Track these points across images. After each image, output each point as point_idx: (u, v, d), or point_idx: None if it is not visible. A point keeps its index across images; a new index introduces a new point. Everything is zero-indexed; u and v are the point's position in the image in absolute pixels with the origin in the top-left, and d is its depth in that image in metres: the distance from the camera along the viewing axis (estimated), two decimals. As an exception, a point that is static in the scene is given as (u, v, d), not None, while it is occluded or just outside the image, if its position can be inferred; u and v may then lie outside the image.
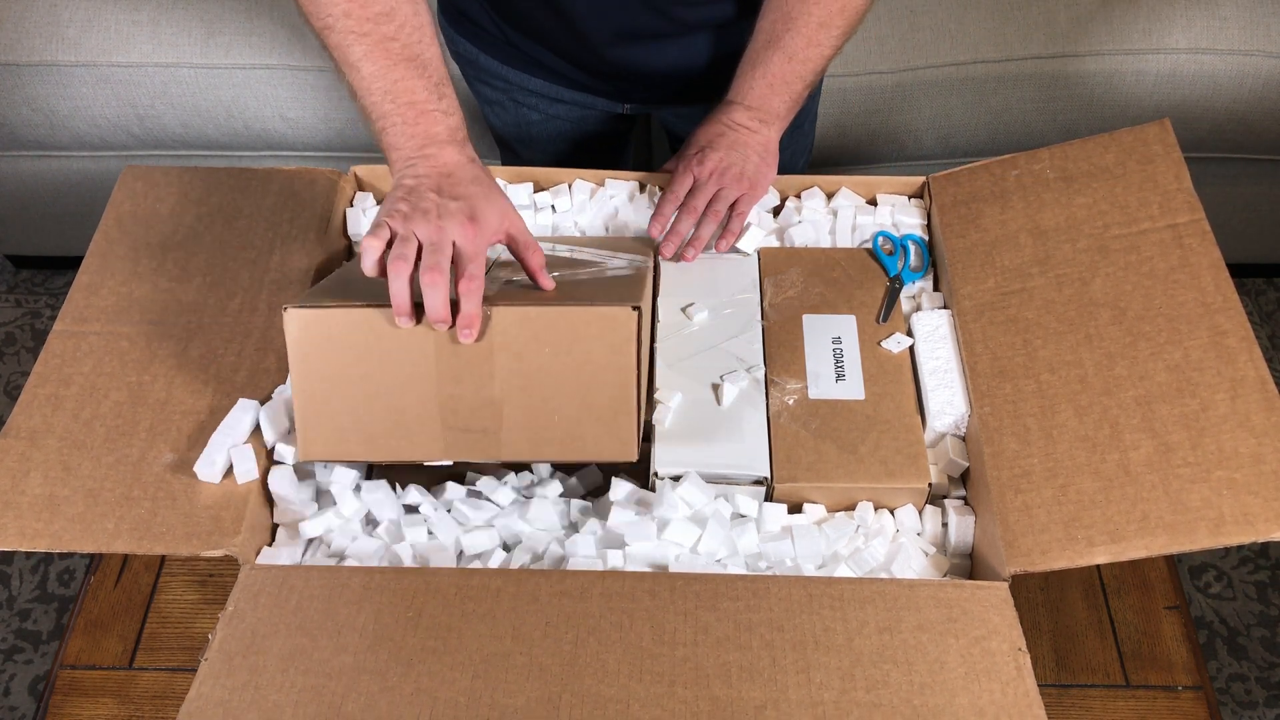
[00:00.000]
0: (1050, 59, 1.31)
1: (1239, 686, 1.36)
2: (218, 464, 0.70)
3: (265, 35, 1.35)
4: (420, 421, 0.70)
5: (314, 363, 0.69)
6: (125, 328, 0.79)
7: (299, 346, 0.69)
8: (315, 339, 0.69)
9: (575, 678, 0.62)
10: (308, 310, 0.68)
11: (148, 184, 0.88)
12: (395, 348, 0.69)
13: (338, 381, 0.69)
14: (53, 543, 0.68)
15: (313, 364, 0.69)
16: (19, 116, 1.41)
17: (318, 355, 0.69)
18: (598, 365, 0.69)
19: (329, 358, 0.69)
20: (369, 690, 0.62)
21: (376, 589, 0.66)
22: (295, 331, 0.68)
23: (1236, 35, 1.31)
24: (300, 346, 0.69)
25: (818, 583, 0.67)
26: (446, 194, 0.69)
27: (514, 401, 0.69)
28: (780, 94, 0.87)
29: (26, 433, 0.73)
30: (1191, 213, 0.78)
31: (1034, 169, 0.85)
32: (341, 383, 0.69)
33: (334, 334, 0.69)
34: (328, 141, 1.43)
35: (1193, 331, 0.72)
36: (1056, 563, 0.66)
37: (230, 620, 0.65)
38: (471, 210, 0.69)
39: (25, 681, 1.38)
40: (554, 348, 0.69)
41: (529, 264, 0.73)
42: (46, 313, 1.75)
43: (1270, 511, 0.64)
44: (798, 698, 0.61)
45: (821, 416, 0.77)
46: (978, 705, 0.61)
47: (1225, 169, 1.46)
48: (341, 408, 0.69)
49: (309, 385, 0.69)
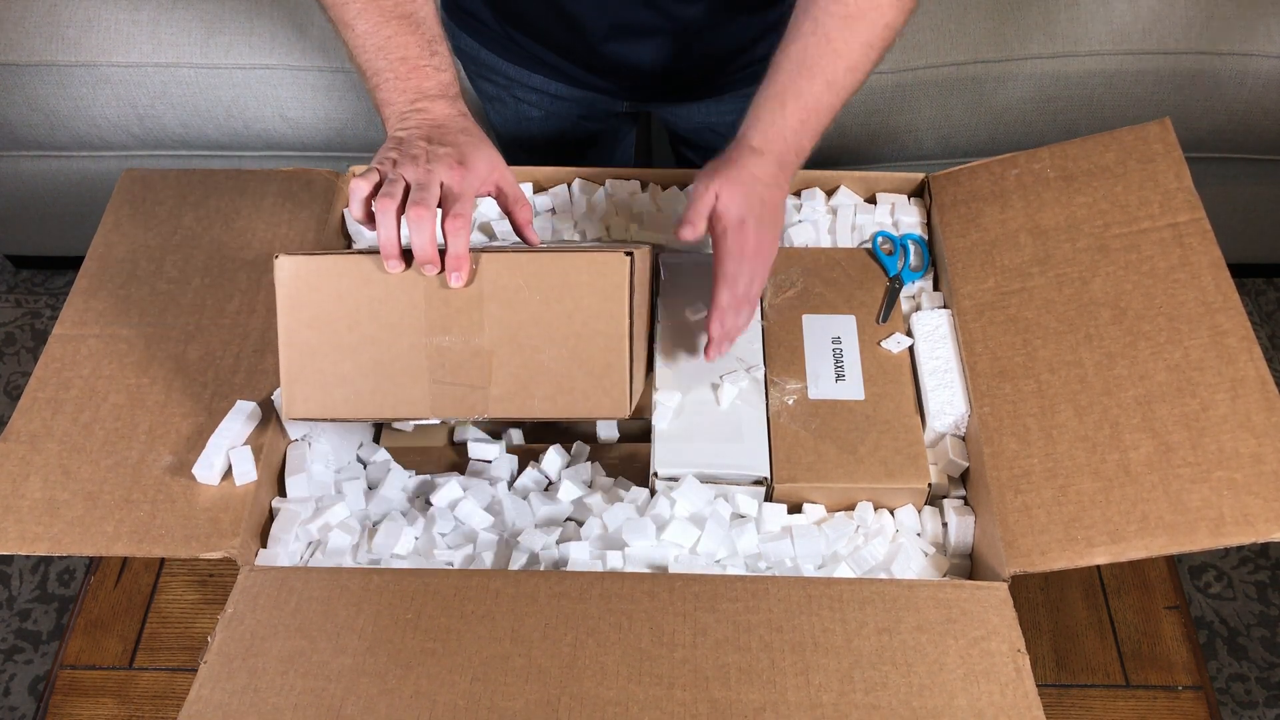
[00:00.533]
0: (1050, 59, 1.31)
1: (1239, 686, 1.36)
2: (216, 466, 0.70)
3: (265, 35, 1.35)
4: (408, 375, 0.69)
5: (302, 313, 0.68)
6: (124, 330, 0.79)
7: (288, 295, 0.68)
8: (304, 287, 0.68)
9: (574, 680, 0.62)
10: (299, 257, 0.67)
11: (146, 186, 0.88)
12: (384, 295, 0.67)
13: (326, 333, 0.68)
14: (53, 546, 0.68)
15: (301, 314, 0.68)
16: (19, 116, 1.41)
17: (306, 305, 0.68)
18: (589, 314, 0.68)
19: (318, 308, 0.68)
20: (368, 692, 0.62)
21: (375, 590, 0.66)
22: (285, 279, 0.67)
23: (1236, 35, 1.31)
24: (289, 295, 0.68)
25: (816, 583, 0.67)
26: (436, 141, 0.69)
27: (503, 354, 0.68)
28: (811, 130, 0.76)
29: (27, 436, 0.73)
30: (1192, 212, 0.78)
31: (1034, 168, 0.85)
32: (330, 334, 0.68)
33: (324, 281, 0.67)
34: (327, 141, 1.43)
35: (1193, 331, 0.72)
36: (1056, 563, 0.66)
37: (229, 623, 0.65)
38: (460, 155, 0.69)
39: (25, 681, 1.38)
40: (544, 295, 0.67)
41: (517, 218, 0.72)
42: (46, 313, 1.75)
43: (1270, 512, 0.64)
44: (796, 700, 0.61)
45: (821, 417, 0.77)
46: (977, 707, 0.61)
47: (1225, 169, 1.45)
48: (328, 363, 0.68)
49: (297, 338, 0.68)
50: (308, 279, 0.68)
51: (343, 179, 0.90)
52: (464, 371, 0.69)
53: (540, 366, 0.68)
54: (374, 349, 0.68)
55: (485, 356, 0.68)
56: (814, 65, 0.74)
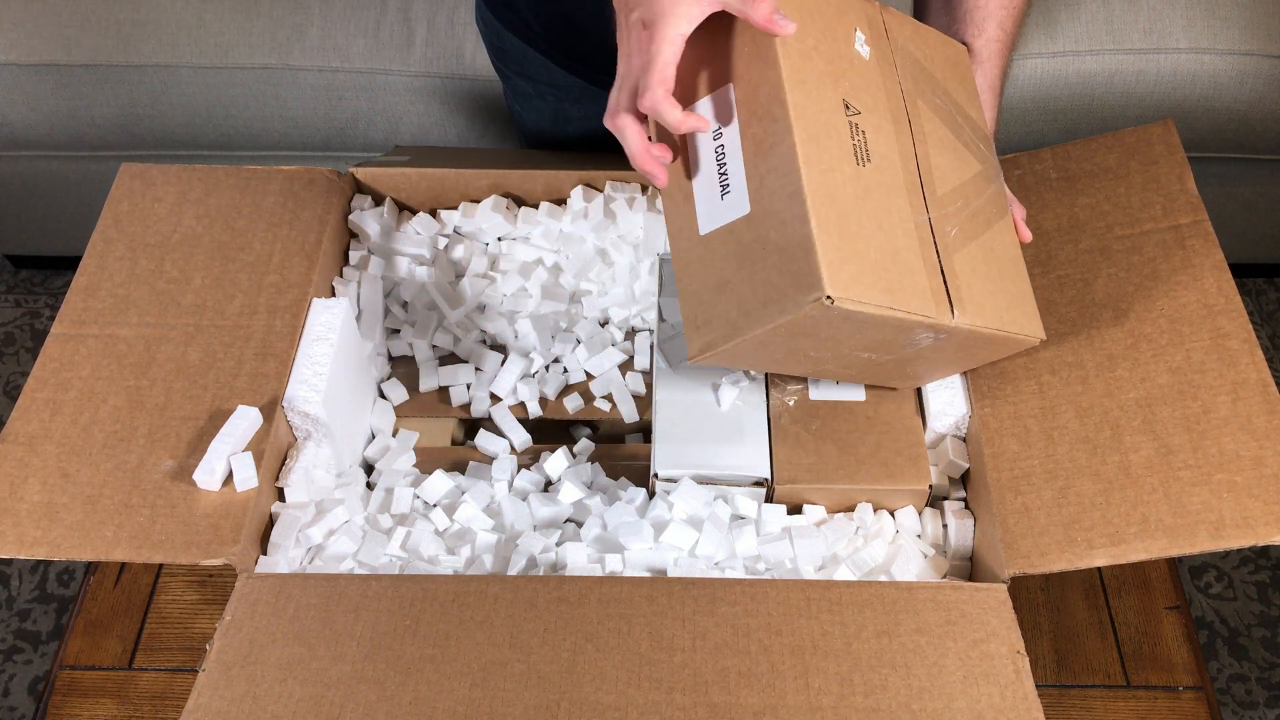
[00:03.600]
0: (1050, 59, 1.31)
1: (1239, 687, 1.36)
2: (217, 471, 0.70)
3: (265, 35, 1.35)
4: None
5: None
6: (123, 330, 0.78)
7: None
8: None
9: (573, 685, 0.62)
10: None
11: (145, 183, 0.87)
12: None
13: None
14: (51, 550, 0.68)
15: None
16: (19, 116, 1.41)
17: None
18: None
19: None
20: (367, 699, 0.62)
21: (374, 597, 0.66)
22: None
23: (1236, 35, 1.30)
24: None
25: (816, 586, 0.66)
26: (633, 5, 0.62)
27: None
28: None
29: (25, 438, 0.73)
30: (1194, 214, 0.78)
31: (1036, 169, 0.84)
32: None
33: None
34: (327, 141, 1.43)
35: (1194, 333, 0.72)
36: (1056, 565, 0.66)
37: (227, 630, 0.65)
38: (647, 13, 0.60)
39: (25, 682, 1.38)
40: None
41: (753, 18, 0.59)
42: (46, 313, 1.75)
43: (1270, 515, 0.64)
44: (796, 703, 0.61)
45: (822, 418, 0.77)
46: (976, 709, 0.61)
47: (1225, 169, 1.45)
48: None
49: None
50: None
51: (344, 179, 0.90)
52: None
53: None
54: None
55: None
56: (1004, 57, 0.79)
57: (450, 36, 1.36)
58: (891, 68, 0.70)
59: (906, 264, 0.63)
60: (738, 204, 0.62)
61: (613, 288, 0.90)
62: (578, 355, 0.87)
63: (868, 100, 0.66)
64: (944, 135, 0.71)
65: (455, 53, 1.36)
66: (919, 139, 0.69)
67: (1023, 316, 0.70)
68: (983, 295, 0.67)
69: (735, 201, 0.62)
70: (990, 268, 0.69)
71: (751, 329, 0.60)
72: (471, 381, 0.86)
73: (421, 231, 0.92)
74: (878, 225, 0.62)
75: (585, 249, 0.90)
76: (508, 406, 0.85)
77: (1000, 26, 0.77)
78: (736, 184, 0.62)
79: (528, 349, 0.87)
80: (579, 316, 0.89)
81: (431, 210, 0.93)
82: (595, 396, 0.86)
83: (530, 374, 0.87)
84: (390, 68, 1.35)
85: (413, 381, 0.87)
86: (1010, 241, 0.72)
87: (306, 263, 0.82)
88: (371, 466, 0.83)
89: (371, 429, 0.84)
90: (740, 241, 0.61)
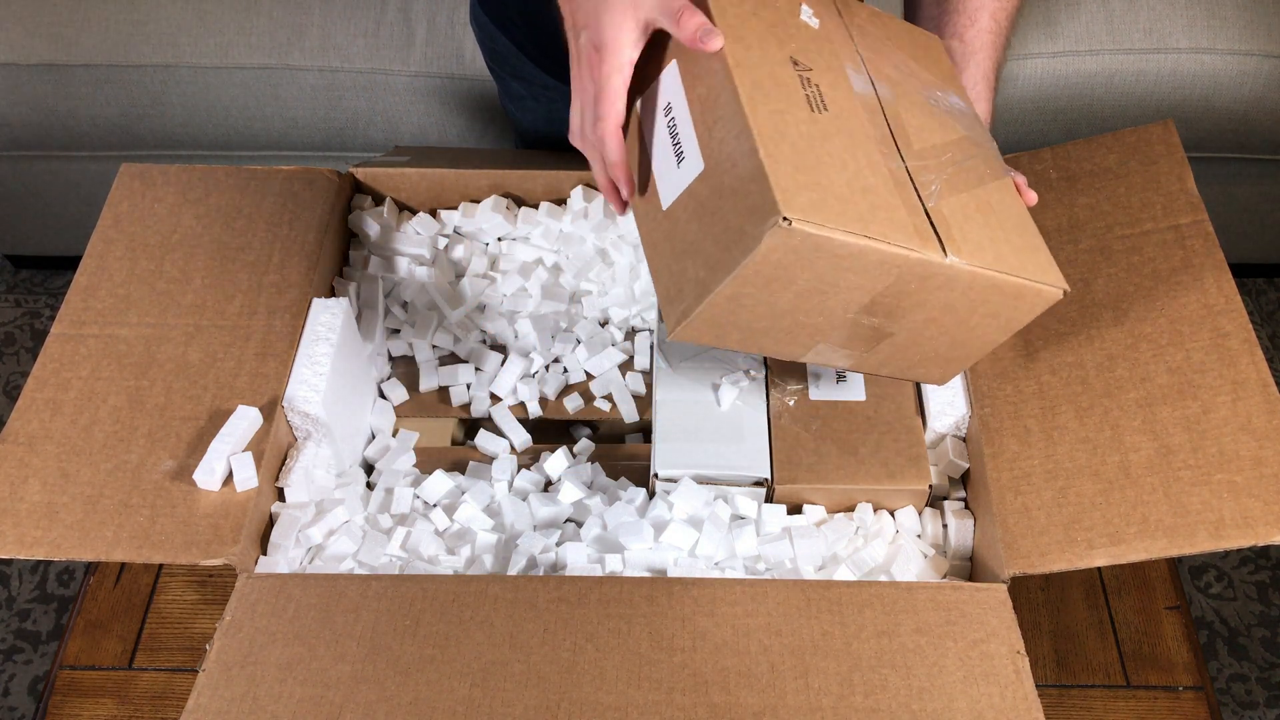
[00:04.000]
0: (1050, 59, 1.31)
1: (1240, 687, 1.36)
2: (217, 471, 0.70)
3: (265, 35, 1.35)
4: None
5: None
6: (123, 330, 0.78)
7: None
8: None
9: (573, 685, 0.62)
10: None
11: (145, 183, 0.87)
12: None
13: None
14: (51, 550, 0.68)
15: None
16: (19, 116, 1.41)
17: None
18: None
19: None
20: (367, 700, 0.62)
21: (374, 597, 0.66)
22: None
23: (1236, 35, 1.30)
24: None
25: (815, 586, 0.66)
26: (580, 26, 0.63)
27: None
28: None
29: (25, 438, 0.73)
30: (1194, 214, 0.78)
31: (1036, 169, 0.84)
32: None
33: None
34: (327, 141, 1.43)
35: (1194, 333, 0.72)
36: (1055, 565, 0.66)
37: (227, 630, 0.65)
38: (595, 37, 0.62)
39: (25, 682, 1.38)
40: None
41: (683, 38, 0.60)
42: (46, 313, 1.75)
43: (1270, 515, 0.64)
44: (796, 703, 0.61)
45: (822, 418, 0.77)
46: (976, 709, 0.61)
47: (1225, 169, 1.45)
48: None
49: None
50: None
51: (344, 179, 0.90)
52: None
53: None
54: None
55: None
56: (998, 49, 0.78)
57: (450, 36, 1.36)
58: (847, 38, 0.67)
59: (881, 200, 0.58)
60: (692, 164, 0.60)
61: (613, 288, 0.90)
62: (578, 355, 0.87)
63: (819, 60, 0.63)
64: (918, 100, 0.67)
65: (455, 53, 1.36)
66: (886, 100, 0.65)
67: (1035, 265, 0.62)
68: (981, 238, 0.61)
69: (690, 163, 0.60)
70: (989, 218, 0.62)
71: (719, 282, 0.56)
72: (471, 381, 0.86)
73: (421, 231, 0.92)
74: (841, 164, 0.58)
75: (585, 249, 0.90)
76: (508, 406, 0.85)
77: (993, 18, 0.77)
78: (689, 145, 0.60)
79: (528, 349, 0.87)
80: (579, 316, 0.89)
81: (431, 210, 0.93)
82: (595, 396, 0.86)
83: (530, 374, 0.87)
84: (390, 68, 1.35)
85: (413, 381, 0.87)
86: (1013, 200, 0.66)
87: (306, 263, 0.82)
88: (371, 466, 0.83)
89: (371, 429, 0.84)
90: (699, 200, 0.59)
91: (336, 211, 0.88)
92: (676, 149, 0.61)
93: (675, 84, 0.62)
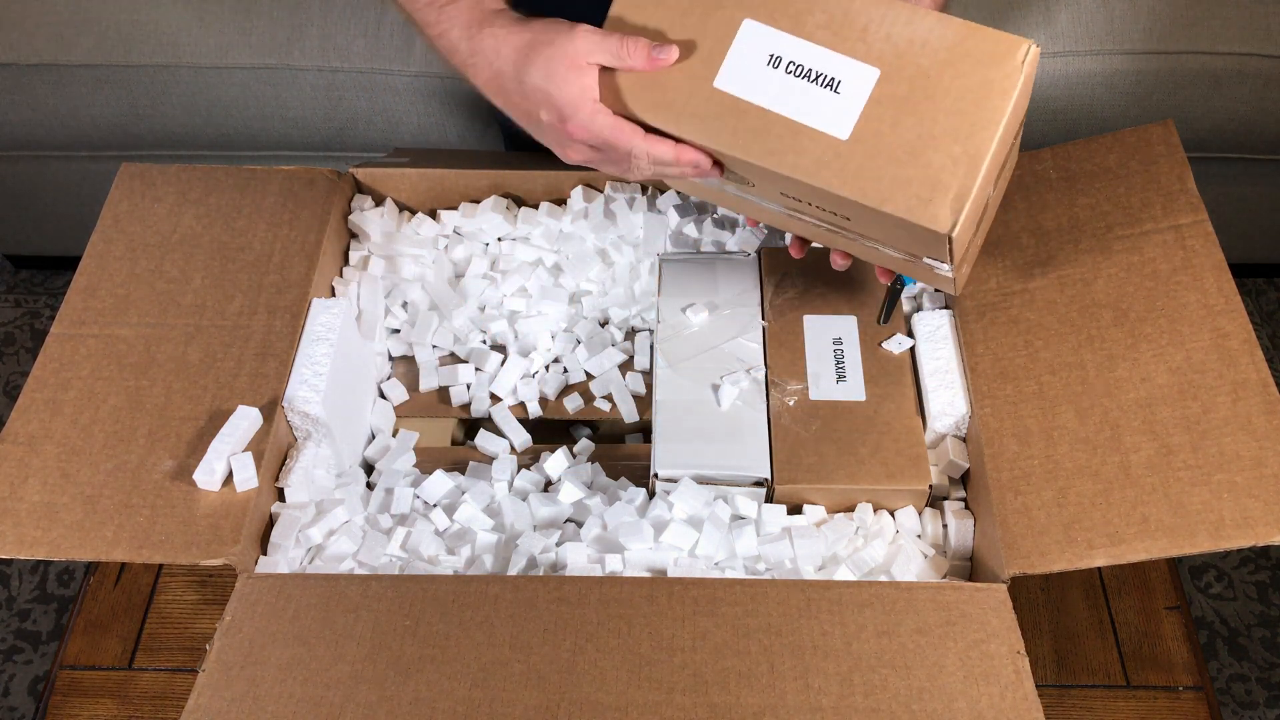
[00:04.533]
0: (1051, 59, 1.31)
1: (1240, 687, 1.36)
2: (217, 472, 0.70)
3: (265, 35, 1.34)
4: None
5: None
6: (123, 330, 0.78)
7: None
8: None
9: (573, 685, 0.62)
10: None
11: (145, 182, 0.87)
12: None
13: None
14: (51, 550, 0.68)
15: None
16: (19, 116, 1.41)
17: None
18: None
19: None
20: (367, 700, 0.62)
21: (374, 597, 0.66)
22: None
23: (1236, 35, 1.30)
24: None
25: (815, 586, 0.66)
26: (535, 112, 0.66)
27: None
28: None
29: (25, 438, 0.73)
30: (1194, 214, 0.78)
31: (1036, 169, 0.84)
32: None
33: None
34: (327, 141, 1.43)
35: (1195, 334, 0.72)
36: (1055, 565, 0.66)
37: (227, 630, 0.65)
38: (555, 111, 0.65)
39: (25, 682, 1.38)
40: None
41: (636, 68, 0.65)
42: (46, 313, 1.75)
43: (1270, 515, 0.64)
44: (796, 703, 0.61)
45: (822, 418, 0.77)
46: (976, 709, 0.61)
47: (1226, 169, 1.45)
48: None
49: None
50: None
51: (344, 179, 0.90)
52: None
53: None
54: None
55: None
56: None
57: (450, 36, 1.36)
58: None
59: None
60: (859, 79, 0.62)
61: (613, 288, 0.90)
62: (578, 355, 0.87)
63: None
64: None
65: (455, 53, 1.36)
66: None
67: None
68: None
69: (854, 80, 0.62)
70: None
71: (991, 139, 0.59)
72: (471, 381, 0.86)
73: (421, 232, 0.92)
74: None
75: (585, 249, 0.90)
76: (508, 406, 0.85)
77: None
78: (841, 65, 0.62)
79: (528, 349, 0.87)
80: (579, 316, 0.89)
81: (431, 210, 0.93)
82: (595, 396, 0.86)
83: (530, 374, 0.87)
84: (390, 68, 1.35)
85: (413, 381, 0.87)
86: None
87: (306, 263, 0.82)
88: (371, 466, 0.83)
89: (371, 429, 0.84)
90: (896, 99, 0.61)
91: (336, 211, 0.88)
92: (823, 80, 0.61)
93: (766, 37, 0.62)
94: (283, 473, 0.75)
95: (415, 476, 0.80)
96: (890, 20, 0.59)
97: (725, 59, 0.63)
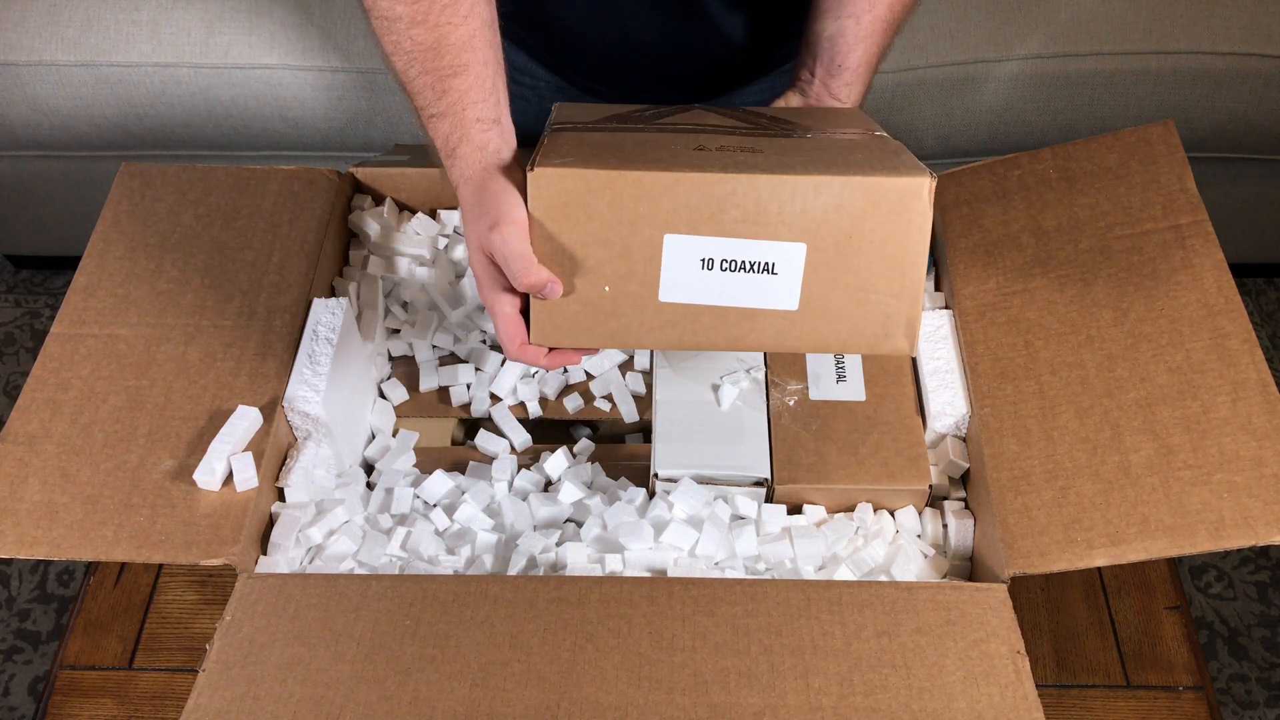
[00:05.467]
0: (1050, 59, 1.31)
1: (1240, 687, 1.36)
2: (217, 471, 0.70)
3: (265, 35, 1.35)
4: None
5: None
6: (123, 330, 0.79)
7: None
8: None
9: (573, 685, 0.62)
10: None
11: (145, 183, 0.87)
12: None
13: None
14: (51, 550, 0.68)
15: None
16: (19, 116, 1.41)
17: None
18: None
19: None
20: (367, 700, 0.62)
21: (374, 597, 0.66)
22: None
23: (1236, 35, 1.30)
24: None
25: (816, 586, 0.66)
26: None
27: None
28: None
29: (25, 438, 0.73)
30: (1194, 214, 0.78)
31: (1036, 169, 0.84)
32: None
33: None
34: (327, 141, 1.43)
35: (1195, 333, 0.72)
36: (1055, 565, 0.66)
37: (227, 630, 0.65)
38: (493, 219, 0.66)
39: (25, 682, 1.38)
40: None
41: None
42: (46, 313, 1.75)
43: (1270, 515, 0.64)
44: (796, 703, 0.61)
45: (822, 418, 0.77)
46: (976, 709, 0.61)
47: (1226, 169, 1.45)
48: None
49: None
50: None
51: (344, 179, 0.90)
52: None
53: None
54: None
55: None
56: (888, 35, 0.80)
57: (450, 36, 1.36)
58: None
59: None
60: (790, 258, 0.65)
61: (613, 288, 0.90)
62: (577, 355, 0.87)
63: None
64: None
65: (455, 53, 1.36)
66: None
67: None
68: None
69: (788, 260, 0.65)
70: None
71: (919, 270, 0.63)
72: (471, 381, 0.86)
73: (421, 231, 0.92)
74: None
75: (585, 249, 0.90)
76: (508, 406, 0.85)
77: (890, 8, 0.77)
78: (770, 249, 0.64)
79: (528, 349, 0.87)
80: (579, 316, 0.89)
81: (431, 210, 0.93)
82: (595, 396, 0.86)
83: (530, 374, 0.87)
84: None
85: (413, 381, 0.87)
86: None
87: (306, 263, 0.82)
88: (371, 466, 0.83)
89: (371, 429, 0.84)
90: (825, 265, 0.64)
91: (336, 211, 0.88)
92: (759, 267, 0.65)
93: (692, 244, 0.64)
94: (283, 472, 0.75)
95: (415, 476, 0.80)
96: (799, 197, 0.62)
97: (661, 275, 0.65)
